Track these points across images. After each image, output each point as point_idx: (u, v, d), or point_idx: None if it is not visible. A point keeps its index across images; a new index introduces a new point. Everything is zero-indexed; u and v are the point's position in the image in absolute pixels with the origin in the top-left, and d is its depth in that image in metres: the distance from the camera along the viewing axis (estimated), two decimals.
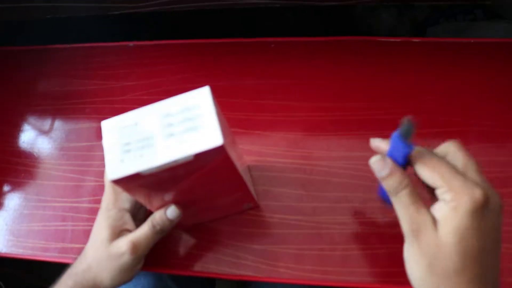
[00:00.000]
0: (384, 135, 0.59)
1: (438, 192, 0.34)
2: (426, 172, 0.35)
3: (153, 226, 0.46)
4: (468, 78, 0.62)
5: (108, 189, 0.50)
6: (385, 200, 0.42)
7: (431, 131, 0.58)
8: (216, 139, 0.35)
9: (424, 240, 0.33)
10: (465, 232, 0.32)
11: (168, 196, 0.44)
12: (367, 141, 0.59)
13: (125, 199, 0.50)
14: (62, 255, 0.59)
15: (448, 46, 0.65)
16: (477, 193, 0.33)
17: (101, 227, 0.48)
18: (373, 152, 0.61)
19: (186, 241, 0.56)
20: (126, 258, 0.46)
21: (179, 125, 0.36)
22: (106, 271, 0.47)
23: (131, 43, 0.74)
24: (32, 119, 0.71)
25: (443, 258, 0.33)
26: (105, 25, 0.86)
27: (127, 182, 0.37)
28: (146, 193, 0.42)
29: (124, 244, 0.46)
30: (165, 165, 0.35)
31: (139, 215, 0.52)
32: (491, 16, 0.93)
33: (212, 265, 0.54)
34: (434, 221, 0.34)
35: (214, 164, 0.38)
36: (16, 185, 0.66)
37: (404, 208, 0.35)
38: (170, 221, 0.46)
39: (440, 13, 0.98)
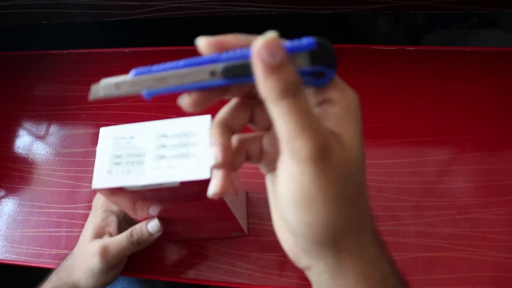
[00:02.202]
0: (378, 144, 0.59)
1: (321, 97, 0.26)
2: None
3: (131, 236, 0.46)
4: (463, 86, 0.62)
5: None
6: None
7: (426, 140, 0.58)
8: (204, 171, 0.35)
9: (336, 159, 0.23)
10: (361, 137, 0.25)
11: (152, 211, 0.44)
12: None
13: None
14: (56, 261, 0.59)
15: (443, 55, 0.65)
16: (354, 92, 0.26)
17: (87, 225, 0.49)
18: (368, 159, 0.61)
19: (181, 248, 0.56)
20: (95, 261, 0.46)
21: (172, 149, 0.36)
22: (81, 270, 0.47)
23: (127, 50, 0.74)
24: (27, 125, 0.71)
25: (353, 178, 0.25)
26: (102, 31, 0.86)
27: (111, 193, 0.37)
28: (129, 205, 0.42)
29: (96, 246, 0.46)
30: (149, 185, 0.35)
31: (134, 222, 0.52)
32: (488, 24, 0.94)
33: (206, 272, 0.54)
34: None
35: (202, 196, 0.38)
36: (11, 191, 0.65)
37: (305, 117, 0.22)
38: (150, 234, 0.45)
39: (436, 21, 0.98)
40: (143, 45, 0.74)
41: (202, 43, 0.23)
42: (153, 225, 0.45)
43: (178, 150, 0.36)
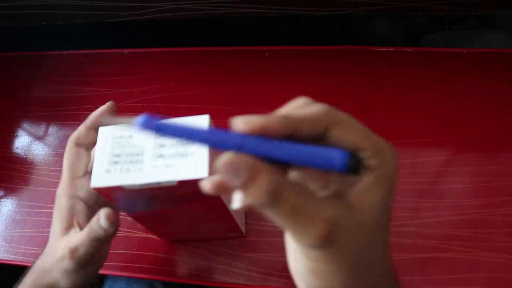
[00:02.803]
0: None
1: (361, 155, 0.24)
2: (348, 133, 0.24)
3: (90, 233, 0.41)
4: (460, 87, 0.62)
5: (65, 172, 0.44)
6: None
7: (423, 141, 0.58)
8: (202, 170, 0.35)
9: (344, 236, 0.23)
10: (386, 205, 0.24)
11: (149, 210, 0.44)
12: None
13: (81, 186, 0.43)
14: None
15: (441, 56, 0.65)
16: (395, 152, 0.25)
17: (54, 219, 0.44)
18: None
19: (179, 249, 0.56)
20: (66, 262, 0.42)
21: (170, 148, 0.36)
22: (54, 272, 0.43)
23: (125, 51, 0.74)
24: (26, 125, 0.71)
25: (367, 247, 0.24)
26: (100, 32, 0.86)
27: (108, 192, 0.37)
28: (128, 204, 0.42)
29: (64, 246, 0.42)
30: (147, 184, 0.35)
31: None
32: (486, 25, 0.94)
33: (204, 272, 0.54)
34: (346, 203, 0.23)
35: (200, 196, 0.38)
36: (10, 191, 0.65)
37: (294, 216, 0.22)
38: (104, 230, 0.40)
39: (435, 22, 0.98)
40: (142, 46, 0.74)
41: (239, 123, 0.22)
42: (103, 221, 0.40)
43: (176, 149, 0.36)
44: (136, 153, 0.36)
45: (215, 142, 0.22)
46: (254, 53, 0.69)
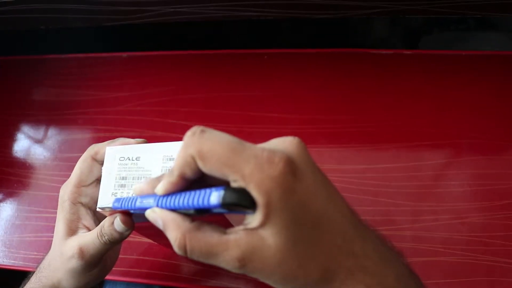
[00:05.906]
0: (375, 148, 0.60)
1: (234, 185, 0.25)
2: (209, 165, 0.25)
3: (101, 236, 0.41)
4: (459, 90, 0.62)
5: (73, 177, 0.43)
6: None
7: (422, 144, 0.58)
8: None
9: (257, 265, 0.25)
10: (288, 219, 0.24)
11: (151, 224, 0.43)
12: (358, 154, 0.59)
13: (86, 193, 0.43)
14: None
15: (440, 58, 0.65)
16: (277, 158, 0.24)
17: (57, 220, 0.44)
18: (365, 164, 0.61)
19: (177, 254, 0.56)
20: (74, 262, 0.41)
21: None
22: (59, 272, 0.43)
23: (124, 54, 0.74)
24: (25, 129, 0.71)
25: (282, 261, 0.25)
26: (99, 36, 0.86)
27: (113, 213, 0.37)
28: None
29: (73, 246, 0.42)
30: None
31: None
32: (484, 26, 0.94)
33: (203, 277, 0.54)
34: (254, 233, 0.25)
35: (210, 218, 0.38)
36: (9, 195, 0.65)
37: (206, 258, 0.26)
38: (119, 233, 0.40)
39: (433, 23, 0.98)
40: (140, 49, 0.74)
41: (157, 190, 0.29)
42: (118, 224, 0.39)
43: None
44: (143, 177, 0.36)
45: (144, 208, 0.29)
46: (253, 56, 0.69)
